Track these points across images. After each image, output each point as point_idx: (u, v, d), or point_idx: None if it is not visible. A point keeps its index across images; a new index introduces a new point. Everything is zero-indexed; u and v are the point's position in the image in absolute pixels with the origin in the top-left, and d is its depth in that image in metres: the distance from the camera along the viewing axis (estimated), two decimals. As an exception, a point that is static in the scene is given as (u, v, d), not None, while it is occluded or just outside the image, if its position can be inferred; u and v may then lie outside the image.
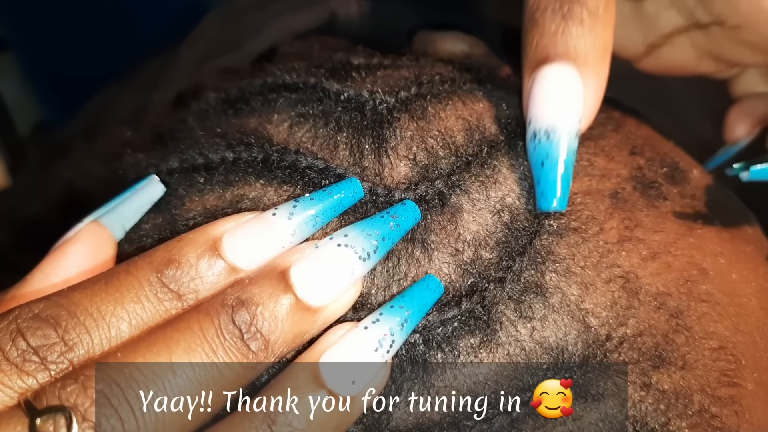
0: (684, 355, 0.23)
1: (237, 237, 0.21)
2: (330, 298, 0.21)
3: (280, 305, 0.20)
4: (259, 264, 0.21)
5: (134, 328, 0.20)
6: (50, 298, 0.20)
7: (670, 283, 0.24)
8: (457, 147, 0.25)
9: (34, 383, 0.19)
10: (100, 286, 0.20)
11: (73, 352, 0.19)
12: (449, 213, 0.23)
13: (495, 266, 0.23)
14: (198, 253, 0.21)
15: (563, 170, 0.22)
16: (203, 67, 0.37)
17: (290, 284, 0.20)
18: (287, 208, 0.22)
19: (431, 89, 0.26)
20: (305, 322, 0.20)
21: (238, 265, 0.21)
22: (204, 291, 0.21)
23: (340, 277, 0.21)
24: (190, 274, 0.20)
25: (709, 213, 0.27)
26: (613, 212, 0.24)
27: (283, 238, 0.21)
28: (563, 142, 0.22)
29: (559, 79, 0.22)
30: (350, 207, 0.23)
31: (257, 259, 0.21)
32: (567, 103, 0.22)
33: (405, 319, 0.21)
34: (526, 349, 0.22)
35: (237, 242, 0.21)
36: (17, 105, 0.78)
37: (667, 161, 0.27)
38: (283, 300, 0.20)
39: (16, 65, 0.75)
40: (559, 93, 0.22)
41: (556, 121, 0.22)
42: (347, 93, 0.26)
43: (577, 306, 0.22)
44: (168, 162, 0.26)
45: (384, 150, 0.24)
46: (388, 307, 0.21)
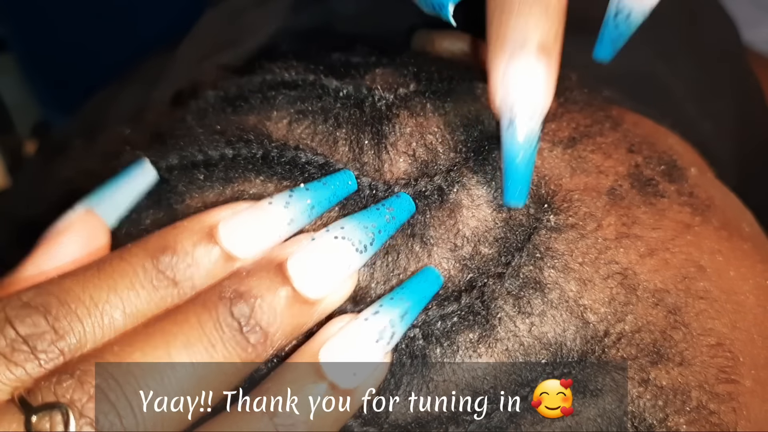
0: (682, 351, 0.23)
1: (233, 224, 0.21)
2: (327, 290, 0.21)
3: (278, 297, 0.20)
4: (255, 252, 0.21)
5: (129, 317, 0.19)
6: (41, 286, 0.19)
7: (668, 280, 0.24)
8: (456, 143, 0.25)
9: (23, 374, 0.18)
10: (93, 273, 0.20)
11: (64, 341, 0.18)
12: (448, 209, 0.24)
13: (494, 262, 0.23)
14: (194, 240, 0.20)
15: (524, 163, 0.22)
16: (202, 65, 0.37)
17: (288, 276, 0.20)
18: (283, 197, 0.22)
19: (430, 86, 0.26)
20: (303, 314, 0.20)
21: (234, 252, 0.21)
22: (199, 278, 0.20)
23: (337, 268, 0.21)
24: (186, 261, 0.20)
25: (707, 211, 0.27)
26: (611, 209, 0.24)
27: (279, 227, 0.21)
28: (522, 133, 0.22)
29: (527, 70, 0.21)
30: (349, 202, 0.23)
31: (253, 247, 0.21)
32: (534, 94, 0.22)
33: (405, 310, 0.21)
34: (525, 344, 0.22)
35: (233, 230, 0.21)
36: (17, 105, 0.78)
37: (665, 159, 0.27)
38: (281, 292, 0.20)
39: (16, 65, 0.75)
40: (527, 84, 0.22)
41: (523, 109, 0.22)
42: (346, 89, 0.26)
43: (576, 302, 0.23)
44: (167, 159, 0.26)
45: (383, 146, 0.25)
46: (387, 299, 0.21)
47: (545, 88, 0.22)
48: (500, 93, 0.22)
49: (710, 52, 0.44)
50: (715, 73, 0.44)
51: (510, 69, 0.21)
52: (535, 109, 0.22)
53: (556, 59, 0.22)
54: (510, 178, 0.22)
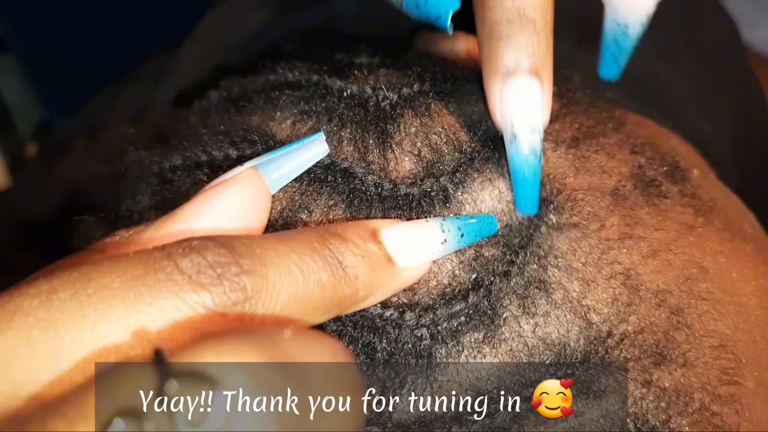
0: (685, 352, 0.23)
1: (394, 231, 0.22)
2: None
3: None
4: (412, 263, 0.22)
5: (304, 278, 0.18)
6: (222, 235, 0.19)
7: (671, 281, 0.24)
8: (460, 143, 0.25)
9: (208, 298, 0.17)
10: (270, 235, 0.19)
11: (248, 277, 0.17)
12: (453, 209, 0.24)
13: (499, 260, 0.23)
14: (361, 235, 0.21)
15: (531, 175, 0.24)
16: (205, 65, 0.37)
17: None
18: (438, 220, 0.23)
19: (434, 87, 0.26)
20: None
21: (394, 256, 0.21)
22: (363, 270, 0.20)
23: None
24: (353, 249, 0.20)
25: (710, 212, 0.27)
26: (614, 209, 0.24)
27: (434, 244, 0.22)
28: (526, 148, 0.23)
29: (522, 89, 0.23)
30: (355, 200, 0.24)
31: (411, 256, 0.21)
32: (532, 110, 0.23)
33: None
34: (529, 345, 0.22)
35: (394, 235, 0.21)
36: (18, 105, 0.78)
37: (668, 160, 0.27)
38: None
39: (16, 65, 0.75)
40: (524, 102, 0.23)
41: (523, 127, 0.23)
42: (350, 89, 0.26)
43: (579, 302, 0.23)
44: (171, 159, 0.26)
45: (388, 145, 0.25)
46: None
47: (541, 104, 0.23)
48: (499, 113, 0.23)
49: (710, 52, 0.44)
50: (716, 73, 0.44)
51: (505, 92, 0.23)
52: (535, 124, 0.23)
53: (549, 75, 0.23)
54: (519, 188, 0.24)
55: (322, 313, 0.19)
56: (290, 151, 0.23)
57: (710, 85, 0.43)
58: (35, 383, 0.15)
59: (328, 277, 0.19)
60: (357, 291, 0.20)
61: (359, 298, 0.20)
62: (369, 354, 0.22)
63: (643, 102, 0.33)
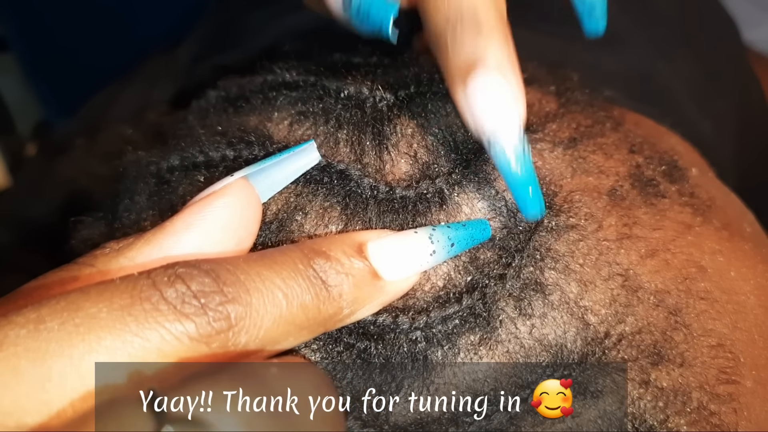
0: (683, 352, 0.23)
1: (381, 245, 0.21)
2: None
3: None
4: (399, 276, 0.21)
5: (288, 301, 0.19)
6: (207, 259, 0.19)
7: (669, 281, 0.24)
8: (457, 144, 0.25)
9: (192, 328, 0.17)
10: (253, 256, 0.19)
11: (232, 305, 0.18)
12: (449, 211, 0.24)
13: (494, 263, 0.23)
14: (345, 251, 0.21)
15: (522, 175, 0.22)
16: (203, 65, 0.37)
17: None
18: (427, 230, 0.22)
19: (431, 88, 0.26)
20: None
21: (380, 271, 0.21)
22: (348, 288, 0.20)
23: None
24: (337, 268, 0.20)
25: (708, 211, 0.27)
26: (612, 209, 0.24)
27: (423, 256, 0.22)
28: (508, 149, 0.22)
29: (486, 89, 0.21)
30: (351, 202, 0.23)
31: (398, 270, 0.21)
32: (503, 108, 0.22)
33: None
34: (526, 346, 0.22)
35: (381, 249, 0.21)
36: (18, 105, 0.78)
37: (666, 159, 0.27)
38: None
39: (16, 65, 0.75)
40: (491, 102, 0.22)
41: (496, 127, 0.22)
42: (347, 90, 0.26)
43: (576, 303, 0.23)
44: (169, 160, 0.26)
45: (385, 147, 0.25)
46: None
47: (510, 97, 0.21)
48: (469, 120, 0.22)
49: (710, 52, 0.44)
50: (715, 73, 0.44)
51: (469, 96, 0.22)
52: (509, 120, 0.21)
53: (509, 67, 0.22)
54: (515, 192, 0.22)
55: (307, 333, 0.20)
56: (281, 161, 0.23)
57: (710, 84, 0.43)
58: (23, 413, 0.16)
59: (312, 299, 0.19)
60: (341, 309, 0.20)
61: (344, 315, 0.20)
62: (365, 359, 0.22)
63: (643, 101, 0.33)
